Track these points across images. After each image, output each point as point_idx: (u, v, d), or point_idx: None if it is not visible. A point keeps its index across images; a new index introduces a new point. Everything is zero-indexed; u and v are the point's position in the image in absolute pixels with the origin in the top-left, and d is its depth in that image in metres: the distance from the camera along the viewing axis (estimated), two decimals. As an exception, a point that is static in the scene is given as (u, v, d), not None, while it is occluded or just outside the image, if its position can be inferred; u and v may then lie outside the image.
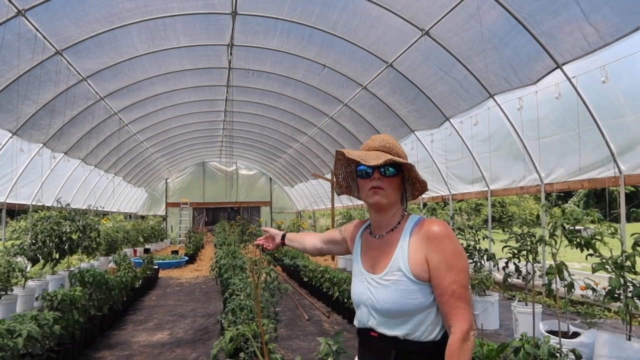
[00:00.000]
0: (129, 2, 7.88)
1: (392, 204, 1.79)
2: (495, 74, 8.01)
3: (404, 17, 7.91)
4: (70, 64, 9.00)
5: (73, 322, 5.43)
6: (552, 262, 5.48)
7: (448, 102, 9.63)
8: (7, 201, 10.76)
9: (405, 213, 1.84)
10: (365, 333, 1.79)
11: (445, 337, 1.67)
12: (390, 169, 1.74)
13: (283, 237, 2.36)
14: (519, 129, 8.31)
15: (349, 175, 1.97)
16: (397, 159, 1.73)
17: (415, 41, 8.42)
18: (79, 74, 9.52)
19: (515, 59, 7.47)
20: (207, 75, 12.22)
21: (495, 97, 8.41)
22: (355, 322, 1.85)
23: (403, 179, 1.82)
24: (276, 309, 4.85)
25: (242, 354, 2.65)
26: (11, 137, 9.48)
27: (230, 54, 10.58)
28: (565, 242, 5.35)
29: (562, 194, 32.53)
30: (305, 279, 9.63)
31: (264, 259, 4.41)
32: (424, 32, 8.05)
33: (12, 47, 7.40)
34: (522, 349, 3.28)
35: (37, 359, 4.58)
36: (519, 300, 6.31)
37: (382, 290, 1.70)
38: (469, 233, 7.32)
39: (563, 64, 6.81)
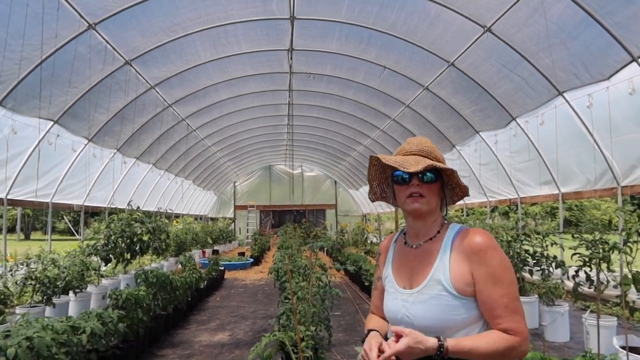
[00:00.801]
0: (191, 12, 8.18)
1: (432, 211, 1.68)
2: (563, 70, 7.53)
3: (463, 14, 7.63)
4: (139, 73, 9.48)
5: (137, 320, 5.68)
6: (627, 272, 5.07)
7: (514, 101, 9.18)
8: (85, 204, 11.51)
9: (445, 221, 1.73)
10: None
11: None
12: (429, 174, 1.64)
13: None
14: (590, 128, 7.76)
15: (384, 182, 1.85)
16: (437, 164, 1.62)
17: (477, 39, 8.09)
18: (147, 82, 10.00)
19: (586, 54, 6.98)
20: (269, 80, 12.44)
21: (564, 94, 7.91)
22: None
23: (442, 184, 1.71)
24: (329, 314, 4.81)
25: (278, 361, 2.64)
26: (87, 144, 10.12)
27: (291, 58, 10.71)
28: (643, 249, 4.93)
29: (647, 197, 30.06)
30: (367, 284, 9.53)
31: (315, 264, 4.39)
32: (485, 28, 7.73)
33: (84, 59, 7.89)
34: (584, 367, 3.03)
35: (102, 355, 4.84)
36: (591, 312, 5.87)
37: (419, 306, 1.59)
38: (536, 239, 6.92)
39: (639, 57, 6.28)
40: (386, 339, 1.72)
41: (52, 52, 7.42)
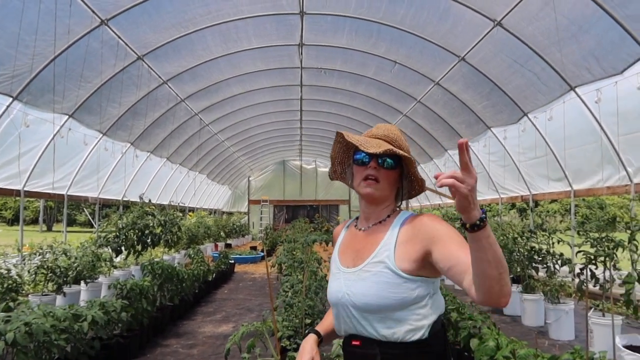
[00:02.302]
0: (201, 8, 8.25)
1: (385, 197, 1.68)
2: (575, 64, 7.42)
3: (473, 8, 7.57)
4: (151, 68, 9.61)
5: (142, 310, 5.78)
6: (632, 270, 5.00)
7: (525, 97, 9.08)
8: (100, 196, 11.73)
9: (398, 209, 1.73)
10: (347, 344, 1.65)
11: (433, 335, 1.54)
12: (389, 160, 1.64)
13: (319, 336, 1.81)
14: (602, 123, 7.64)
15: (345, 161, 1.84)
16: (397, 150, 1.61)
17: (487, 33, 8.02)
18: (159, 77, 10.13)
19: (598, 48, 6.86)
20: (280, 76, 12.48)
21: (576, 89, 7.79)
22: (337, 331, 1.72)
23: (401, 174, 1.70)
24: (325, 308, 4.84)
25: (258, 350, 2.69)
26: (100, 138, 10.31)
27: (301, 53, 10.73)
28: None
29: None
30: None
31: (311, 258, 4.42)
32: (495, 22, 7.65)
33: (97, 54, 8.02)
34: (572, 363, 3.01)
35: (105, 343, 4.96)
36: (594, 310, 5.81)
37: (360, 283, 1.57)
38: (542, 236, 6.85)
39: (652, 51, 6.16)
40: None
41: (65, 47, 7.56)
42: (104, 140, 10.53)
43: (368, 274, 1.57)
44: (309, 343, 1.75)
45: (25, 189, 8.91)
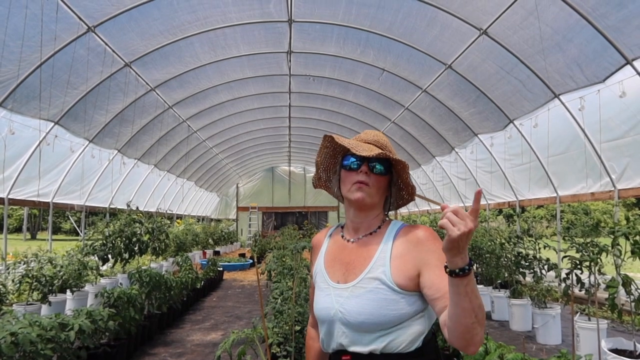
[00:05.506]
0: (189, 15, 8.25)
1: (375, 205, 1.61)
2: (559, 72, 7.55)
3: (459, 17, 7.67)
4: (139, 75, 9.57)
5: (129, 319, 5.73)
6: (616, 275, 5.08)
7: (511, 104, 9.20)
8: (86, 204, 11.62)
9: (387, 218, 1.67)
10: (336, 358, 1.55)
11: (427, 343, 1.49)
12: (379, 166, 1.57)
13: None
14: (586, 130, 7.77)
15: (331, 168, 1.75)
16: (390, 154, 1.56)
17: (473, 41, 8.13)
18: (147, 84, 10.09)
19: (581, 56, 6.99)
20: (269, 83, 12.50)
21: (560, 96, 7.92)
22: (325, 348, 1.60)
23: (390, 181, 1.63)
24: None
25: (248, 357, 2.68)
26: (87, 145, 10.22)
27: (290, 60, 10.76)
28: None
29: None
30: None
31: (301, 265, 4.43)
32: (481, 31, 7.76)
33: (84, 61, 7.98)
34: (559, 367, 3.05)
35: (92, 353, 4.90)
36: (580, 314, 5.88)
37: (354, 300, 1.48)
38: (529, 241, 6.93)
39: (633, 60, 6.28)
40: None
41: (51, 54, 7.50)
42: (91, 147, 10.45)
43: (362, 290, 1.49)
44: None
45: (10, 196, 8.80)
